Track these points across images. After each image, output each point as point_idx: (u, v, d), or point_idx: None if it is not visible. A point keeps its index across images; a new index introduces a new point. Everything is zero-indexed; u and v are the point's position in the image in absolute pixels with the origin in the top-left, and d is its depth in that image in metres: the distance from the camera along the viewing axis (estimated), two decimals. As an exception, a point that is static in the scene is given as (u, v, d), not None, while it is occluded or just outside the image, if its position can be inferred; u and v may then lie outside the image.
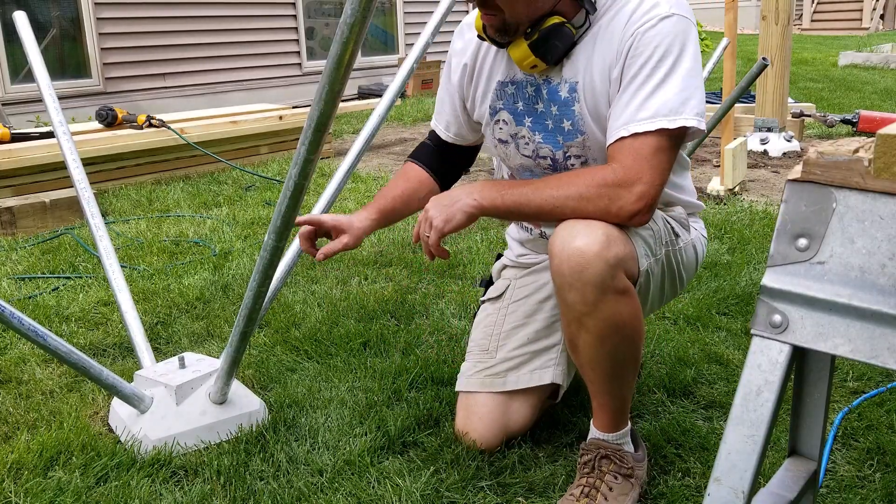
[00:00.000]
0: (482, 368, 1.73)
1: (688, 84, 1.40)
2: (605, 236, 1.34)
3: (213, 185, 4.37)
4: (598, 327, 1.38)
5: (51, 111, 2.22)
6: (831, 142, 0.86)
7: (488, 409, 1.68)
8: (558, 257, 1.36)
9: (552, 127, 1.57)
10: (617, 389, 1.47)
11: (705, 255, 1.80)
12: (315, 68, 8.21)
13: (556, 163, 1.60)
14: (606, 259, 1.33)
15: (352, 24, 1.12)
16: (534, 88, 1.57)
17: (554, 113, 1.55)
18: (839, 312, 0.82)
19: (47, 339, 1.53)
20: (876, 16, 15.59)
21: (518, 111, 1.60)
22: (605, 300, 1.35)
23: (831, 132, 5.53)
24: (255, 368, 2.09)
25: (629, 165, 1.38)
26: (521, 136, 1.61)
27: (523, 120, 1.60)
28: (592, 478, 1.49)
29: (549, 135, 1.58)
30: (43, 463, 1.66)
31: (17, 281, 2.85)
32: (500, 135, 1.65)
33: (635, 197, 1.38)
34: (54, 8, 6.43)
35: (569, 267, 1.34)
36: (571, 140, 1.55)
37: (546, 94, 1.55)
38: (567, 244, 1.35)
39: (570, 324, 1.42)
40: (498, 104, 1.63)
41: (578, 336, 1.41)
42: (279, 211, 1.41)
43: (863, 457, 1.64)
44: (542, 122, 1.58)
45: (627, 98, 1.42)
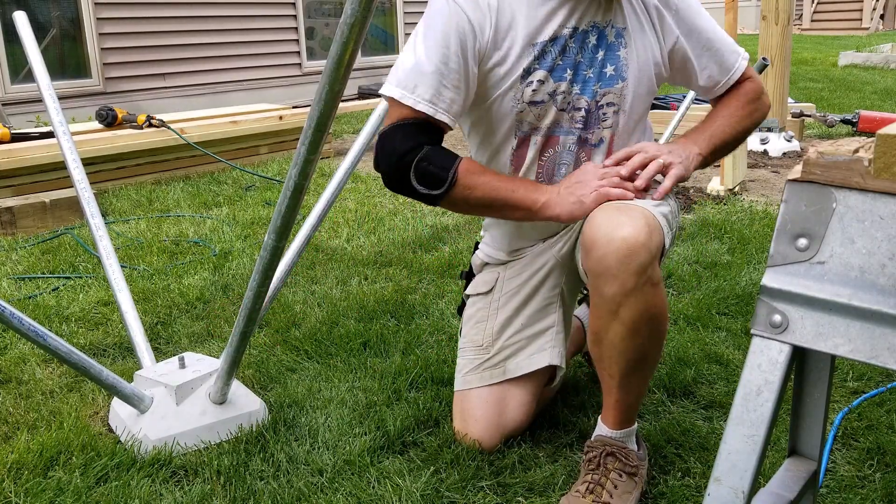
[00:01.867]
0: (479, 363, 1.73)
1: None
2: (647, 226, 1.37)
3: (213, 185, 4.37)
4: (633, 318, 1.39)
5: (51, 111, 2.22)
6: (831, 142, 0.86)
7: (483, 411, 1.68)
8: (603, 248, 1.37)
9: (590, 76, 1.56)
10: (635, 385, 1.48)
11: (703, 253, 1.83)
12: (315, 68, 8.21)
13: (588, 113, 1.59)
14: (650, 249, 1.36)
15: (352, 24, 1.12)
16: (576, 40, 1.54)
17: (599, 58, 1.56)
18: (839, 312, 0.82)
19: (47, 339, 1.53)
20: (876, 16, 15.59)
21: (557, 68, 1.54)
22: (643, 291, 1.38)
23: (831, 132, 5.53)
24: (255, 368, 2.10)
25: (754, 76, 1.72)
26: (561, 91, 1.55)
27: (563, 74, 1.54)
28: (598, 475, 1.49)
29: (586, 84, 1.57)
30: (43, 463, 1.66)
31: (18, 281, 2.86)
32: (534, 97, 1.54)
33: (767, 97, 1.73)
34: (54, 8, 6.43)
35: (616, 258, 1.36)
36: (610, 86, 1.58)
37: (595, 39, 1.55)
38: (614, 234, 1.36)
39: (602, 315, 1.43)
40: (534, 65, 1.52)
41: (609, 327, 1.42)
42: (279, 211, 1.41)
43: (863, 457, 1.64)
44: (581, 72, 1.56)
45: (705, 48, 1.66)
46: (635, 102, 1.61)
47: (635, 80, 1.59)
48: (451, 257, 2.97)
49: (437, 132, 1.52)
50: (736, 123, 1.64)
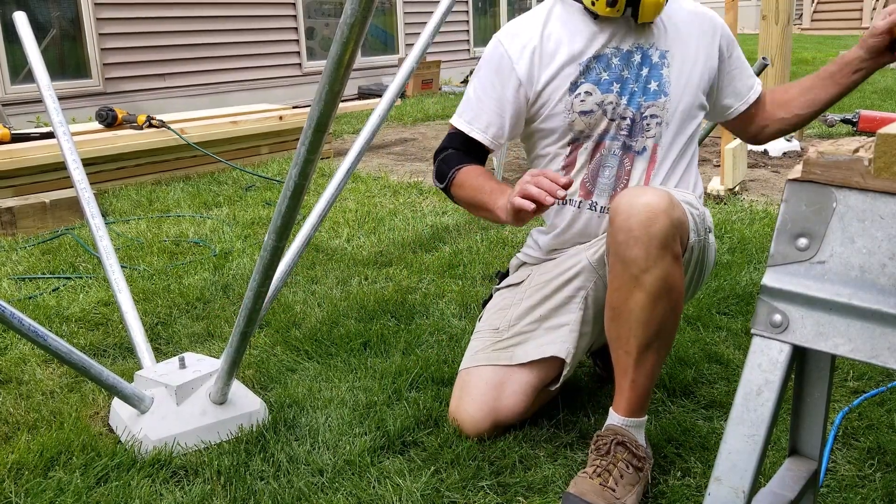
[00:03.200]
0: (490, 343, 1.78)
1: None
2: (670, 199, 1.45)
3: (213, 185, 4.37)
4: (654, 286, 1.44)
5: (51, 111, 2.22)
6: (831, 141, 0.86)
7: (481, 391, 1.72)
8: (626, 213, 1.43)
9: (636, 89, 1.72)
10: (650, 364, 1.50)
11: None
12: (315, 68, 8.21)
13: (633, 123, 1.73)
14: (672, 217, 1.43)
15: (352, 24, 1.12)
16: (621, 58, 1.71)
17: (643, 75, 1.72)
18: (839, 312, 0.82)
19: (48, 340, 1.53)
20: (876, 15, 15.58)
21: (602, 81, 1.71)
22: (664, 259, 1.43)
23: (831, 132, 5.53)
24: (255, 368, 2.10)
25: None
26: (609, 101, 1.71)
27: (609, 87, 1.71)
28: (606, 461, 1.50)
29: (632, 97, 1.72)
30: (43, 463, 1.66)
31: (18, 281, 2.86)
32: (584, 107, 1.72)
33: None
34: (54, 8, 6.43)
35: (637, 221, 1.42)
36: (653, 100, 1.72)
37: (640, 58, 1.71)
38: (636, 200, 1.44)
39: (623, 284, 1.47)
40: (580, 79, 1.71)
41: (630, 296, 1.46)
42: (279, 211, 1.41)
43: (863, 456, 1.64)
44: (628, 86, 1.71)
45: (739, 70, 1.85)
46: (678, 116, 1.73)
47: (677, 96, 1.72)
48: (452, 257, 2.97)
49: (473, 146, 1.78)
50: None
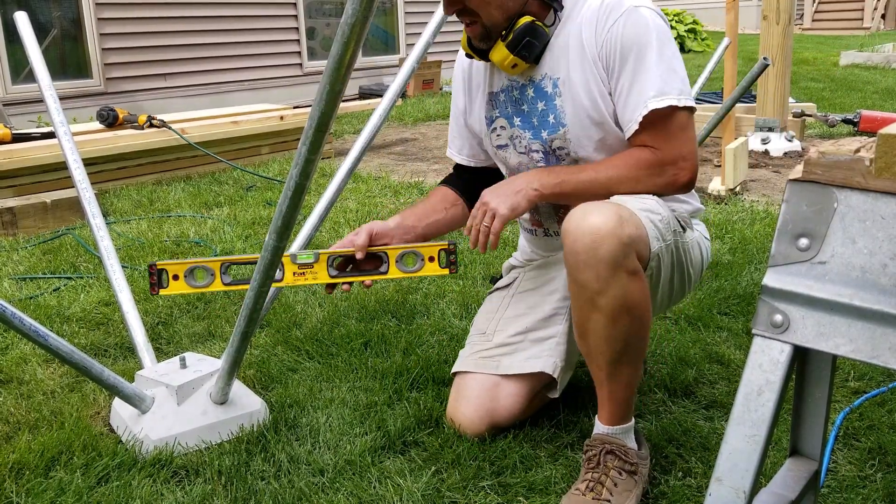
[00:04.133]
0: (477, 350, 1.78)
1: (665, 67, 1.54)
2: (618, 216, 1.39)
3: (213, 185, 4.38)
4: (611, 306, 1.40)
5: (52, 111, 2.22)
6: (832, 141, 0.86)
7: (476, 394, 1.72)
8: (572, 235, 1.40)
9: (537, 123, 1.68)
10: (624, 376, 1.49)
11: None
12: (316, 68, 8.21)
13: (546, 155, 1.70)
14: (620, 237, 1.37)
15: (353, 24, 1.12)
16: (519, 91, 1.69)
17: (540, 109, 1.66)
18: (840, 312, 0.82)
19: (48, 340, 1.53)
20: (877, 15, 15.58)
21: (509, 114, 1.72)
22: (618, 278, 1.39)
23: (832, 132, 5.52)
24: (256, 368, 2.10)
25: (663, 146, 1.56)
26: (516, 136, 1.72)
27: (513, 121, 1.72)
28: (598, 472, 1.49)
29: (535, 131, 1.69)
30: (44, 463, 1.66)
31: (19, 281, 2.86)
32: (499, 141, 1.76)
33: (682, 170, 1.57)
34: (55, 8, 6.43)
35: (583, 245, 1.38)
36: (554, 133, 1.66)
37: (533, 92, 1.67)
38: (581, 223, 1.40)
39: (581, 306, 1.45)
40: (493, 113, 1.75)
41: (590, 318, 1.44)
42: (280, 211, 1.41)
43: (864, 457, 1.64)
44: (528, 120, 1.69)
45: (625, 96, 1.56)
46: (585, 142, 1.64)
47: (575, 125, 1.63)
48: (452, 257, 2.97)
49: (459, 167, 1.93)
50: (612, 183, 1.55)
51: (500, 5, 1.57)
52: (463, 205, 1.88)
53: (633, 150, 1.57)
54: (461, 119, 1.86)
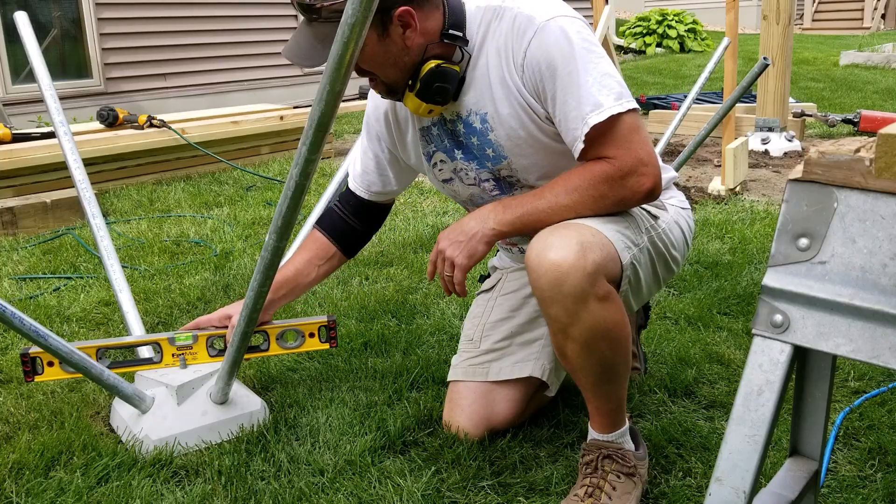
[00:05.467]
0: (466, 358, 1.78)
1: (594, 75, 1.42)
2: (580, 245, 1.33)
3: (214, 185, 4.37)
4: (584, 336, 1.38)
5: (52, 111, 2.22)
6: (832, 141, 0.86)
7: (470, 401, 1.71)
8: (535, 272, 1.36)
9: (480, 154, 1.60)
10: (609, 392, 1.48)
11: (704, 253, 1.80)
12: (316, 69, 8.20)
13: (498, 181, 1.63)
14: (584, 268, 1.32)
15: (352, 24, 1.12)
16: (451, 124, 1.60)
17: (475, 143, 1.58)
18: (840, 312, 0.82)
19: (49, 340, 1.53)
20: (877, 15, 15.57)
21: (448, 148, 1.63)
22: (588, 309, 1.35)
23: (832, 132, 5.52)
24: (256, 368, 2.10)
25: (618, 154, 1.43)
26: (460, 168, 1.64)
27: (455, 153, 1.63)
28: (596, 477, 1.49)
29: (479, 161, 1.61)
30: (44, 463, 1.66)
31: (19, 281, 2.86)
32: (442, 175, 1.68)
33: (643, 177, 1.44)
34: (55, 8, 6.43)
35: (547, 282, 1.34)
36: (498, 164, 1.59)
37: (463, 128, 1.58)
38: (542, 259, 1.34)
39: (555, 334, 1.43)
40: (430, 148, 1.66)
41: (566, 346, 1.42)
42: (280, 211, 1.41)
43: (864, 457, 1.64)
44: (470, 152, 1.61)
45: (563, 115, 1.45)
46: (531, 168, 1.57)
47: (518, 155, 1.56)
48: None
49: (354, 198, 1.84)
50: (574, 205, 1.44)
51: (395, 63, 1.48)
52: (339, 255, 1.83)
53: (589, 164, 1.46)
54: (381, 155, 1.75)
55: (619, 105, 1.42)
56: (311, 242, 1.84)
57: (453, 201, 2.05)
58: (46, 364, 1.77)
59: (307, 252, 1.83)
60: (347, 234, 1.83)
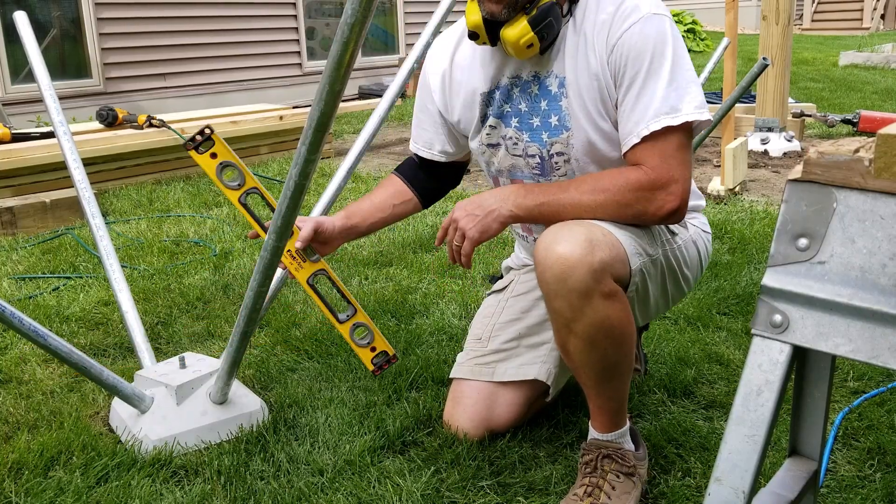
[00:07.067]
0: (473, 357, 1.77)
1: (682, 81, 1.44)
2: (588, 241, 1.34)
3: (213, 185, 4.37)
4: (587, 332, 1.38)
5: (51, 111, 2.22)
6: (832, 142, 0.86)
7: (473, 401, 1.71)
8: (542, 265, 1.36)
9: (538, 125, 1.58)
10: (611, 391, 1.48)
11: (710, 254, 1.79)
12: (315, 68, 8.21)
13: (542, 161, 1.62)
14: (590, 265, 1.32)
15: (352, 24, 1.12)
16: (520, 89, 1.59)
17: (542, 108, 1.56)
18: (840, 312, 0.82)
19: (48, 339, 1.53)
20: (877, 16, 15.58)
21: (505, 114, 1.62)
22: (592, 305, 1.35)
23: (832, 132, 5.53)
24: (255, 368, 2.10)
25: (658, 166, 1.43)
26: (509, 137, 1.63)
27: (510, 121, 1.62)
28: (595, 477, 1.49)
29: (534, 133, 1.59)
30: (43, 463, 1.66)
31: (18, 281, 2.86)
32: (489, 140, 1.67)
33: (671, 196, 1.44)
34: (55, 8, 6.43)
35: (552, 275, 1.34)
36: (556, 136, 1.57)
37: (537, 90, 1.57)
38: (550, 252, 1.35)
39: (559, 329, 1.43)
40: (487, 111, 1.65)
41: (568, 341, 1.42)
42: (279, 211, 1.41)
43: (863, 457, 1.64)
44: (527, 121, 1.60)
45: (630, 106, 1.46)
46: (586, 149, 1.56)
47: (579, 129, 1.54)
48: (448, 265, 2.97)
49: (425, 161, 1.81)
50: (596, 207, 1.45)
51: None
52: (415, 201, 1.81)
53: (623, 169, 1.46)
54: (437, 117, 1.75)
55: (697, 112, 1.43)
56: (390, 184, 1.82)
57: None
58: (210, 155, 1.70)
59: (384, 191, 1.81)
60: (423, 183, 1.82)
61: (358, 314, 1.76)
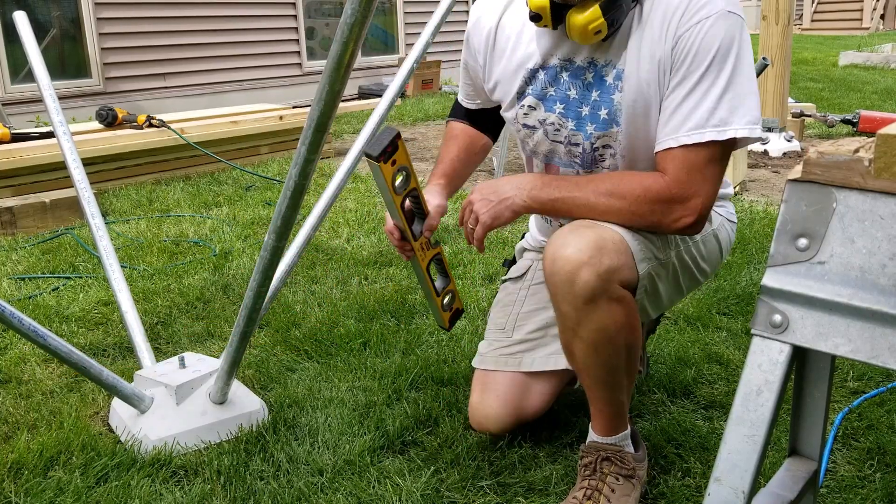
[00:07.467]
0: (497, 347, 1.72)
1: (740, 90, 1.36)
2: (597, 247, 1.33)
3: (213, 185, 4.37)
4: (592, 337, 1.38)
5: (51, 111, 2.22)
6: (831, 142, 0.86)
7: (505, 388, 1.67)
8: (549, 269, 1.36)
9: (586, 114, 1.50)
10: (613, 396, 1.47)
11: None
12: (315, 68, 8.21)
13: (584, 152, 1.55)
14: (597, 270, 1.32)
15: (352, 24, 1.12)
16: (570, 73, 1.50)
17: (593, 99, 1.48)
18: (839, 312, 0.82)
19: (47, 339, 1.53)
20: (876, 16, 15.59)
21: (548, 97, 1.53)
22: (597, 310, 1.34)
23: (831, 132, 5.53)
24: (255, 368, 2.09)
25: (682, 180, 1.38)
26: (551, 122, 1.55)
27: (553, 107, 1.53)
28: (594, 480, 1.49)
29: (581, 122, 1.51)
30: (43, 463, 1.66)
31: (18, 281, 2.86)
32: (527, 120, 1.58)
33: (689, 211, 1.38)
34: (54, 8, 6.43)
35: (560, 279, 1.34)
36: (604, 130, 1.49)
37: (591, 78, 1.48)
38: (558, 255, 1.34)
39: (564, 331, 1.43)
40: (526, 89, 1.56)
41: (573, 343, 1.42)
42: (279, 211, 1.41)
43: (863, 457, 1.64)
44: (575, 109, 1.51)
45: (677, 103, 1.39)
46: (634, 146, 1.49)
47: (630, 127, 1.47)
48: (451, 257, 2.97)
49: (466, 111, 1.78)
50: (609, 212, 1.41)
51: None
52: (486, 141, 1.79)
53: (645, 177, 1.41)
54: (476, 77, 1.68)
55: (748, 129, 1.36)
56: (461, 134, 1.77)
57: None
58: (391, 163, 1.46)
59: (459, 143, 1.76)
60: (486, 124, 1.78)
61: (451, 283, 1.69)
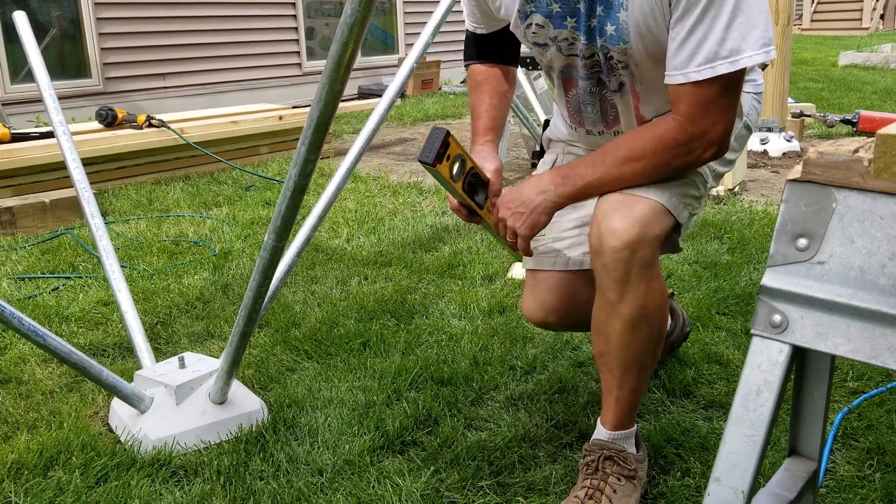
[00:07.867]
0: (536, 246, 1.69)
1: (749, 11, 1.28)
2: (643, 218, 1.37)
3: (212, 185, 4.37)
4: (632, 315, 1.40)
5: (50, 111, 2.22)
6: (831, 142, 0.86)
7: (556, 281, 1.67)
8: (597, 238, 1.39)
9: (594, 25, 1.44)
10: (634, 382, 1.48)
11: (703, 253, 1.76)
12: (315, 68, 8.21)
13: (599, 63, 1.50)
14: (645, 242, 1.36)
15: (352, 24, 1.12)
16: None
17: (598, 13, 1.42)
18: (839, 312, 0.82)
19: (47, 339, 1.53)
20: (876, 16, 15.59)
21: (554, 14, 1.47)
22: (640, 288, 1.39)
23: (831, 132, 5.53)
24: (255, 368, 2.10)
25: (697, 116, 1.35)
26: (563, 38, 1.49)
27: (563, 22, 1.47)
28: (596, 479, 1.49)
29: (591, 35, 1.46)
30: (43, 463, 1.66)
31: (17, 281, 2.86)
32: (536, 39, 1.53)
33: (710, 143, 1.38)
34: (54, 8, 6.43)
35: (609, 252, 1.37)
36: (614, 45, 1.43)
37: None
38: (606, 226, 1.38)
39: (602, 306, 1.44)
40: (528, 7, 1.49)
41: (609, 321, 1.43)
42: (279, 211, 1.41)
43: (863, 457, 1.64)
44: (583, 21, 1.44)
45: (685, 34, 1.31)
46: (648, 59, 1.43)
47: (639, 44, 1.41)
48: (451, 257, 2.97)
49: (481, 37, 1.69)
50: (636, 176, 1.42)
51: None
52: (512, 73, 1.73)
53: (655, 127, 1.40)
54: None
55: (763, 53, 1.29)
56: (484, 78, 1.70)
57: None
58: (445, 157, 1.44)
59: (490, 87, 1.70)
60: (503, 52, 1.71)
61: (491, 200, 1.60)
